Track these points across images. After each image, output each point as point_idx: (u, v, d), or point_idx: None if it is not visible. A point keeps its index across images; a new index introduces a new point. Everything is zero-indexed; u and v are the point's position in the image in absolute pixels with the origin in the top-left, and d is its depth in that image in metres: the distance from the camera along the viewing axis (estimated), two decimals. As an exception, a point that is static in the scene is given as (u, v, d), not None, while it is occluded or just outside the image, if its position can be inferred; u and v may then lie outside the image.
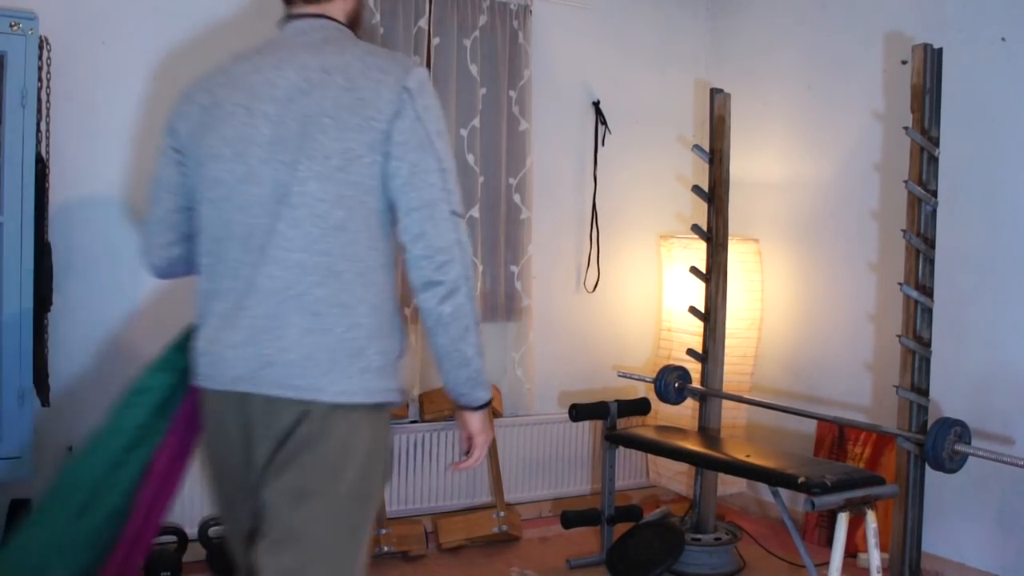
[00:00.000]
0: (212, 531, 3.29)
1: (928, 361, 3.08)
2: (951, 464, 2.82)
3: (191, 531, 3.30)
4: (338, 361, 1.58)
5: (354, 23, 1.78)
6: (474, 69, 3.81)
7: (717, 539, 3.54)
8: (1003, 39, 3.29)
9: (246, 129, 1.61)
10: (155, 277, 1.89)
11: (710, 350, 3.69)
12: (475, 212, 3.83)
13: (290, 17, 1.74)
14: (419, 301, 1.63)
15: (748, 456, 3.13)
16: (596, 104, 4.22)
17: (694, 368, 3.76)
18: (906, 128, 3.08)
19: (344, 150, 1.57)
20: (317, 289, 1.57)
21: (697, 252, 3.85)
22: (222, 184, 1.63)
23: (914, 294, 3.07)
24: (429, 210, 1.60)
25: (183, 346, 1.73)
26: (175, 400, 1.72)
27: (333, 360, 1.57)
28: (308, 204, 1.57)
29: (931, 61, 3.05)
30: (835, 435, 3.80)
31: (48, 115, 2.91)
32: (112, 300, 3.24)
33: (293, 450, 1.58)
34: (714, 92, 3.75)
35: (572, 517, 3.56)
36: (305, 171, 1.57)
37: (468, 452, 1.78)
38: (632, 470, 4.32)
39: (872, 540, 2.79)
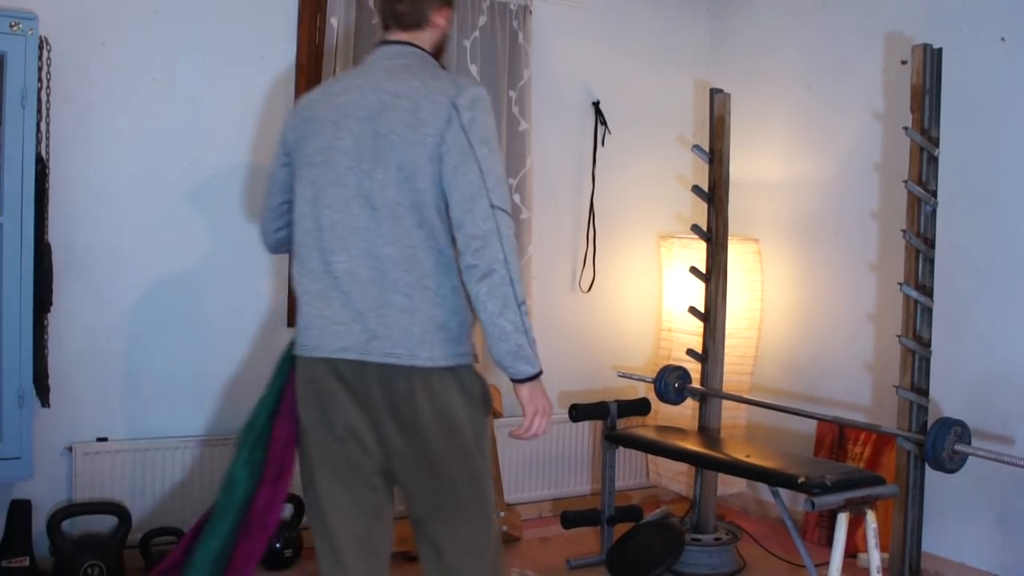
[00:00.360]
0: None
1: (928, 361, 3.08)
2: (951, 464, 2.82)
3: (191, 531, 3.30)
4: (428, 333, 1.92)
5: (438, 52, 2.11)
6: (474, 70, 3.81)
7: (717, 539, 3.54)
8: (1003, 39, 3.29)
9: (334, 141, 1.96)
10: (269, 252, 2.31)
11: (710, 350, 3.70)
12: (475, 212, 3.83)
13: (383, 42, 2.07)
14: (464, 281, 1.93)
15: (748, 456, 3.13)
16: (596, 104, 4.22)
17: (694, 368, 3.76)
18: (906, 128, 3.08)
19: (409, 163, 1.90)
20: (406, 275, 1.92)
21: (697, 252, 3.85)
22: (314, 185, 1.98)
23: (914, 294, 3.07)
24: (468, 204, 1.88)
25: None
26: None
27: (424, 333, 1.92)
28: (389, 207, 1.91)
29: (931, 61, 3.05)
30: (835, 435, 3.80)
31: (48, 115, 2.92)
32: (111, 301, 3.24)
33: (397, 409, 1.94)
34: (714, 92, 3.75)
35: (572, 517, 3.56)
36: (381, 179, 1.91)
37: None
38: (632, 470, 4.32)
39: (872, 540, 2.79)
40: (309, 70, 3.53)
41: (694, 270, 3.74)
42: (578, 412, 3.56)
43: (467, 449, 1.99)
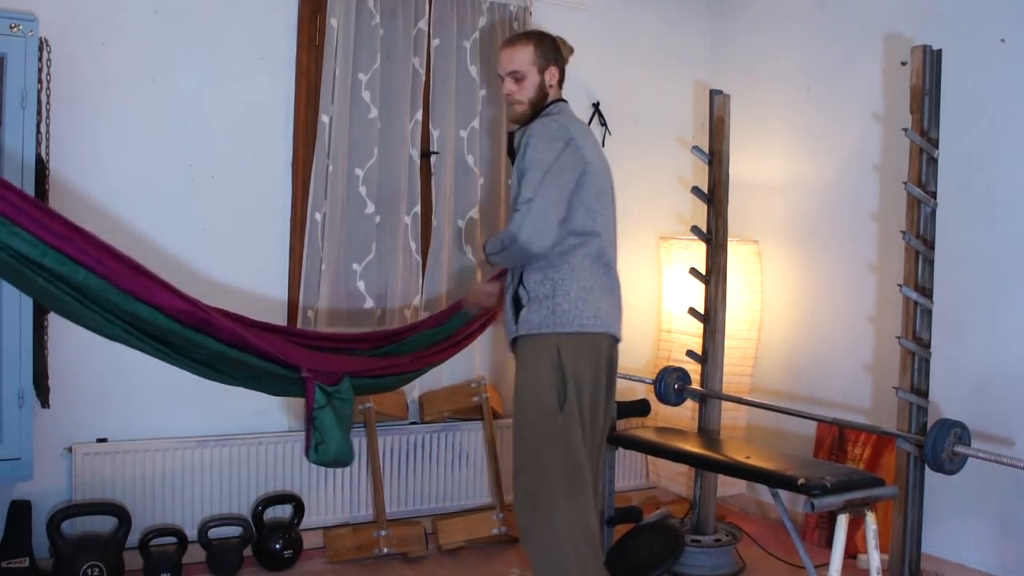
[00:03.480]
0: (212, 532, 3.30)
1: (928, 362, 3.08)
2: (951, 465, 2.82)
3: (191, 532, 3.30)
4: None
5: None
6: (474, 70, 3.81)
7: (717, 540, 3.54)
8: (1002, 40, 3.29)
9: (607, 187, 2.81)
10: (541, 251, 2.73)
11: (710, 351, 3.69)
12: (474, 213, 3.83)
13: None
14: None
15: (748, 457, 3.13)
16: (596, 105, 4.22)
17: (694, 369, 3.76)
18: (905, 129, 3.08)
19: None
20: None
21: (697, 253, 3.85)
22: (605, 217, 2.75)
23: (914, 295, 3.07)
24: None
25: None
26: None
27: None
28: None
29: (930, 62, 3.05)
30: (835, 436, 3.80)
31: (48, 117, 2.92)
32: (112, 301, 3.24)
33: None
34: (714, 93, 3.75)
35: (572, 518, 3.55)
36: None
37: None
38: (632, 471, 4.32)
39: (872, 541, 2.79)
40: (309, 70, 3.53)
41: (694, 271, 3.74)
42: (578, 413, 3.56)
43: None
